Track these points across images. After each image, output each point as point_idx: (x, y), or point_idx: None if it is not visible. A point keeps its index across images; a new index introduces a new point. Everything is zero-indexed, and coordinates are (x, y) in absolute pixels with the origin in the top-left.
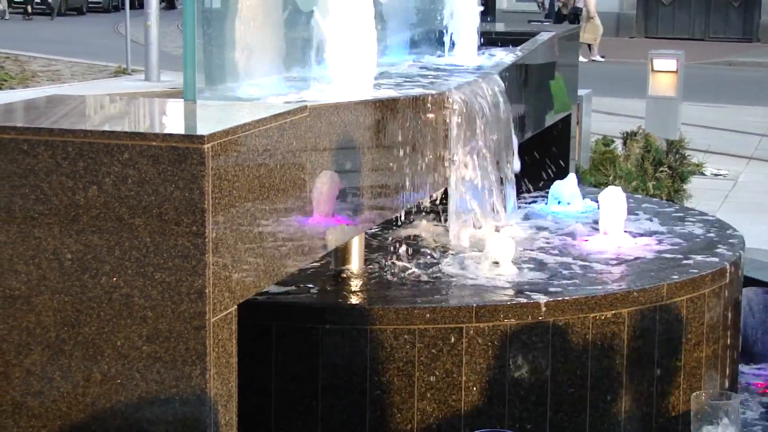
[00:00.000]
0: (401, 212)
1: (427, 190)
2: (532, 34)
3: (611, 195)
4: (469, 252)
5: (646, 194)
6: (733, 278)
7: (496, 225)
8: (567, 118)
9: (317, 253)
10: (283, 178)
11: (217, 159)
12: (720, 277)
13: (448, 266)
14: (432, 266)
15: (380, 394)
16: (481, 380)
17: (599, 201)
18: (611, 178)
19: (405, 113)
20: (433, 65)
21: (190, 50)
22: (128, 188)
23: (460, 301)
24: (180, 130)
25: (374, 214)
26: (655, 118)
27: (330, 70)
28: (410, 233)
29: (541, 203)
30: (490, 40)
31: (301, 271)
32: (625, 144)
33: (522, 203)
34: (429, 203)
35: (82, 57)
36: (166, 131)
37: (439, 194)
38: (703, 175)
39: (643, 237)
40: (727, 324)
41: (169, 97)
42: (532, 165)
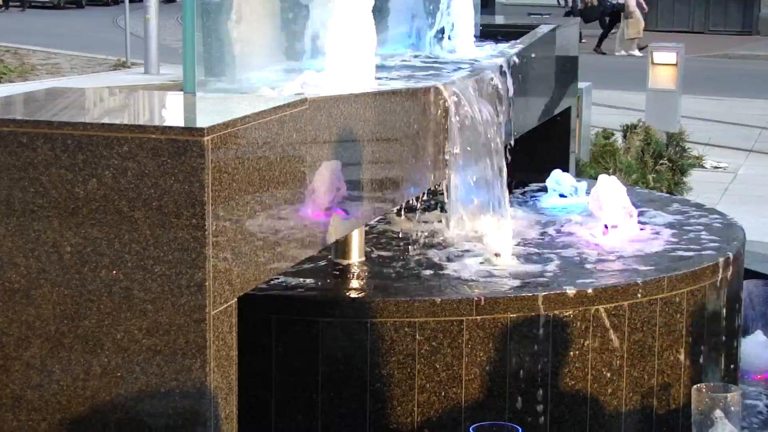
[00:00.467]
0: (402, 205)
1: (427, 182)
2: (532, 27)
3: (606, 185)
4: (469, 244)
5: (647, 187)
6: (733, 271)
7: (495, 217)
8: (567, 110)
9: (317, 245)
10: (283, 170)
11: (217, 151)
12: (720, 270)
13: (448, 259)
14: (432, 259)
15: (381, 386)
16: (482, 373)
17: (594, 191)
18: (611, 170)
19: (405, 106)
20: (433, 57)
21: (189, 43)
22: (128, 181)
23: (461, 293)
24: (180, 123)
25: (375, 206)
26: (655, 111)
27: (330, 63)
28: (410, 226)
29: (542, 195)
30: (490, 32)
31: (301, 264)
32: (625, 137)
33: (522, 196)
34: (429, 196)
35: (81, 50)
36: (165, 124)
37: (439, 187)
38: (703, 167)
39: (643, 229)
40: (728, 317)
41: (169, 89)
42: (532, 157)
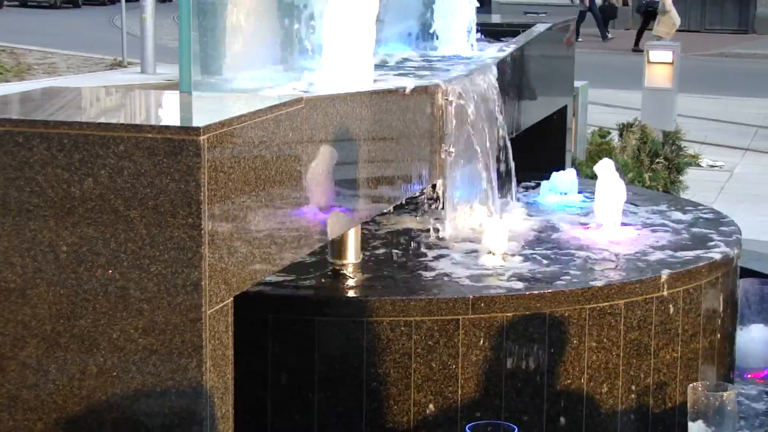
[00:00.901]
0: (399, 203)
1: (423, 181)
2: (529, 26)
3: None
4: (466, 243)
5: (643, 185)
6: (729, 269)
7: (492, 216)
8: (563, 109)
9: (314, 244)
10: (279, 169)
11: (213, 151)
12: (716, 269)
13: (444, 258)
14: (428, 258)
15: (377, 385)
16: (478, 372)
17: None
18: None
19: (401, 104)
20: (430, 56)
21: (185, 42)
22: (124, 180)
23: (457, 292)
24: (175, 122)
25: (371, 205)
26: (651, 110)
27: (327, 61)
28: (406, 225)
29: (538, 194)
30: (486, 31)
31: (297, 263)
32: (621, 135)
33: (518, 194)
34: (425, 194)
35: (78, 49)
36: (161, 123)
37: (436, 185)
38: (700, 166)
39: (639, 228)
40: (724, 315)
41: (165, 89)
42: (529, 156)
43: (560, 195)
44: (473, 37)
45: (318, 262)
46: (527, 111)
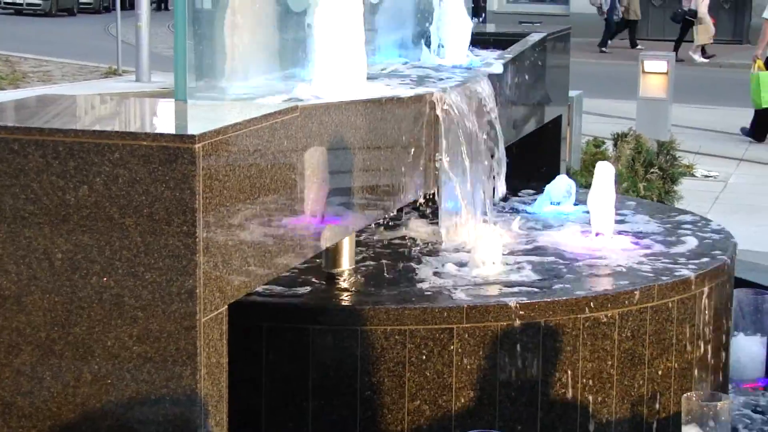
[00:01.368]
0: (393, 212)
1: (418, 190)
2: (523, 35)
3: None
4: (460, 252)
5: (637, 195)
6: (724, 279)
7: (486, 225)
8: (558, 119)
9: (308, 253)
10: (274, 178)
11: (208, 159)
12: (711, 279)
13: (438, 267)
14: (422, 267)
15: (371, 394)
16: (472, 381)
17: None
18: None
19: (396, 114)
20: (424, 66)
21: (180, 50)
22: (119, 188)
23: (451, 301)
24: (171, 130)
25: (366, 214)
26: (645, 120)
27: (321, 70)
28: (401, 234)
29: (533, 203)
30: (481, 41)
31: (291, 271)
32: (615, 145)
33: (513, 204)
34: (419, 203)
35: (73, 58)
36: (156, 131)
37: (429, 194)
38: (694, 176)
39: (633, 238)
40: (718, 325)
41: (160, 97)
42: (523, 166)
43: (556, 204)
44: (467, 47)
45: (312, 270)
46: (522, 120)
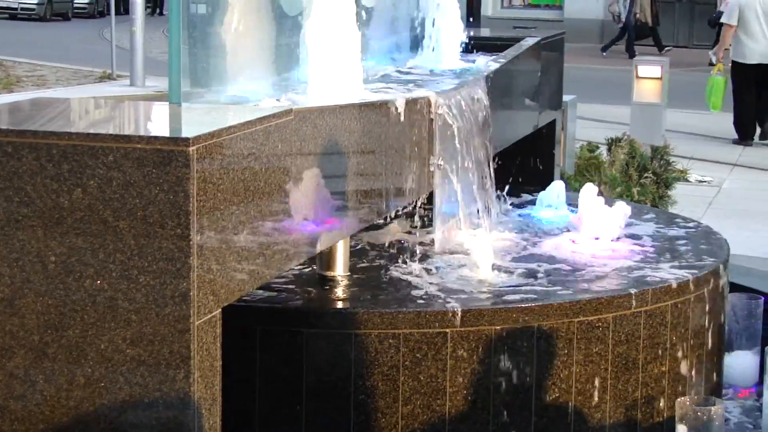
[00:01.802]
0: (387, 216)
1: (412, 194)
2: (517, 40)
3: (589, 196)
4: (454, 256)
5: (631, 200)
6: (717, 284)
7: (481, 229)
8: (552, 123)
9: (302, 256)
10: (268, 181)
11: (202, 162)
12: (705, 283)
13: (433, 270)
14: (417, 270)
15: (365, 398)
16: (466, 385)
17: (579, 202)
18: (596, 184)
19: (391, 117)
20: (418, 70)
21: (175, 54)
22: (113, 191)
23: (445, 305)
24: (165, 133)
25: (360, 217)
26: (639, 125)
27: (315, 74)
28: (395, 237)
29: (527, 208)
30: (476, 45)
31: (285, 274)
32: (609, 150)
33: (508, 208)
34: (414, 207)
35: (67, 62)
36: (150, 134)
37: (424, 198)
38: (688, 181)
39: (627, 242)
40: (712, 330)
41: (155, 101)
42: (517, 171)
43: (550, 209)
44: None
45: (306, 273)
46: (516, 125)
